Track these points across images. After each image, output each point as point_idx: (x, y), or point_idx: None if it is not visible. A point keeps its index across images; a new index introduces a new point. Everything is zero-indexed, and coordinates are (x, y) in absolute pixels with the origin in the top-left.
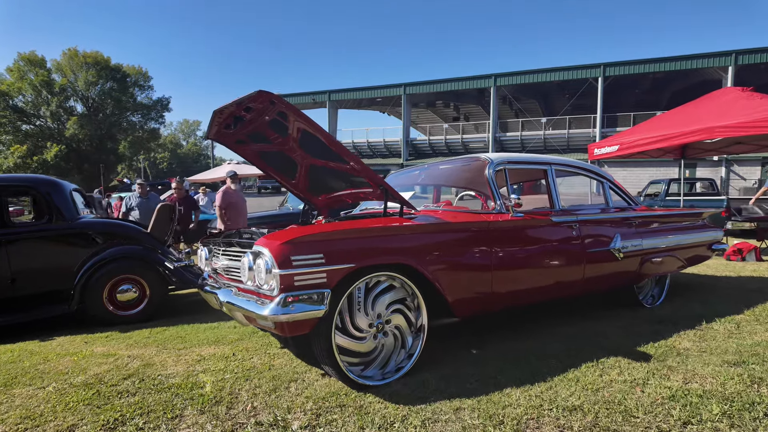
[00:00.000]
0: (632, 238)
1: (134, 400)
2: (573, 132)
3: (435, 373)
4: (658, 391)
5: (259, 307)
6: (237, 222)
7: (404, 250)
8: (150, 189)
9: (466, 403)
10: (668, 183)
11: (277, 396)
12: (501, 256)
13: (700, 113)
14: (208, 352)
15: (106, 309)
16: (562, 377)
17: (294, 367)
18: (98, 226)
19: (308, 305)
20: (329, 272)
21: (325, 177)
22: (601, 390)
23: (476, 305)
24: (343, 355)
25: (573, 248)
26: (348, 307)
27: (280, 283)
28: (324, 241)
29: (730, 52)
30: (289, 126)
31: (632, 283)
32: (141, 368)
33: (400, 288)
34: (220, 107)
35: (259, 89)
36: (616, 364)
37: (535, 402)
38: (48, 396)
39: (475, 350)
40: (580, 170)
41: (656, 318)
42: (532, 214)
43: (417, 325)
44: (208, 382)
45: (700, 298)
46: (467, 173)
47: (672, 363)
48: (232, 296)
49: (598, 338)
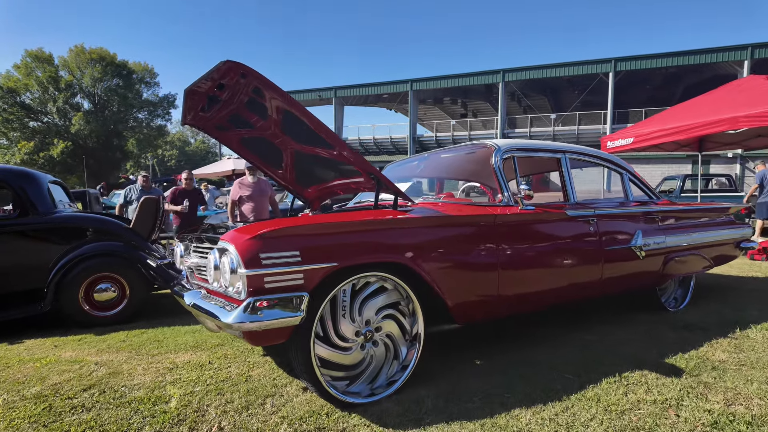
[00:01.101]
0: (655, 234)
1: (87, 417)
2: (583, 128)
3: (432, 389)
4: (697, 415)
5: (224, 312)
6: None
7: (397, 246)
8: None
9: (467, 428)
10: (683, 179)
11: (249, 414)
12: (509, 254)
13: (722, 102)
14: (182, 359)
15: (82, 309)
16: (580, 396)
17: (273, 379)
18: (75, 220)
19: (282, 311)
20: (307, 272)
21: (312, 166)
22: (627, 413)
23: (480, 310)
24: (324, 368)
25: (590, 246)
26: (331, 312)
27: (248, 285)
28: (300, 235)
29: (746, 46)
30: (267, 105)
31: (655, 284)
32: (105, 377)
33: (393, 290)
34: (191, 86)
35: (227, 59)
36: (642, 379)
37: (550, 428)
38: None
39: (479, 361)
40: (596, 159)
41: (682, 324)
42: (545, 208)
43: (412, 333)
44: (175, 396)
45: (728, 302)
46: (471, 162)
47: (707, 379)
48: (199, 299)
49: (619, 347)
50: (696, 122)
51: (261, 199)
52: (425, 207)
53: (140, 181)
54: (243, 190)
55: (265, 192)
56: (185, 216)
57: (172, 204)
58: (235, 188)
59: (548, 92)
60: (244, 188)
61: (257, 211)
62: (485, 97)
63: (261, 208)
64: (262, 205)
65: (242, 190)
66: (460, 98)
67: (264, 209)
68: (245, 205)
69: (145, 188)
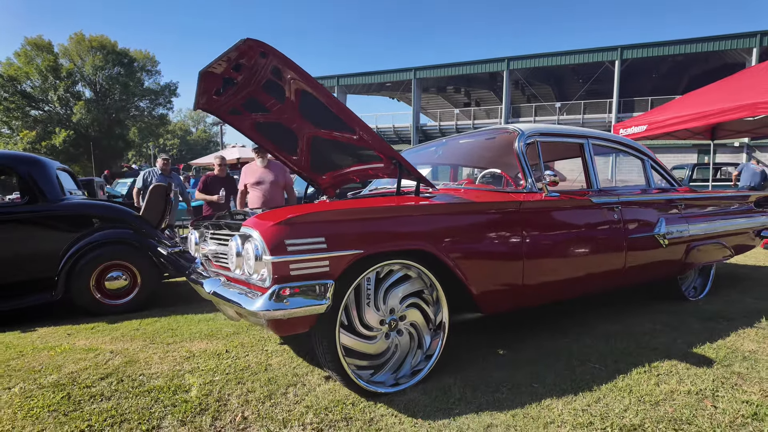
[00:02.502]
0: (678, 222)
1: (107, 405)
2: (588, 117)
3: (459, 379)
4: (735, 406)
5: (248, 300)
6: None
7: (422, 234)
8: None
9: (499, 419)
10: (692, 168)
11: (272, 404)
12: (534, 241)
13: (740, 89)
14: (198, 348)
15: (94, 298)
16: (611, 386)
17: (294, 368)
18: (85, 207)
19: (307, 299)
20: (332, 259)
21: (329, 151)
22: (661, 404)
23: (506, 299)
24: (349, 357)
25: (614, 233)
26: (355, 301)
27: (273, 273)
28: (326, 222)
29: (755, 33)
30: (286, 88)
31: (677, 273)
32: (122, 366)
33: (417, 279)
34: (206, 67)
35: (247, 37)
36: (673, 369)
37: (584, 419)
38: (11, 399)
39: (504, 351)
40: (619, 145)
41: (705, 313)
42: (570, 194)
43: (436, 321)
44: (195, 385)
45: (748, 291)
46: (493, 148)
47: (740, 369)
48: (219, 287)
49: (645, 337)
50: (713, 109)
51: (272, 186)
52: (448, 193)
53: (160, 164)
54: (249, 177)
55: (277, 178)
56: (219, 206)
57: (204, 193)
58: (242, 176)
59: (553, 81)
60: (251, 175)
61: (268, 200)
62: (489, 86)
63: (272, 196)
64: (273, 194)
65: (248, 176)
66: (464, 87)
67: (275, 198)
68: (254, 193)
69: (165, 172)
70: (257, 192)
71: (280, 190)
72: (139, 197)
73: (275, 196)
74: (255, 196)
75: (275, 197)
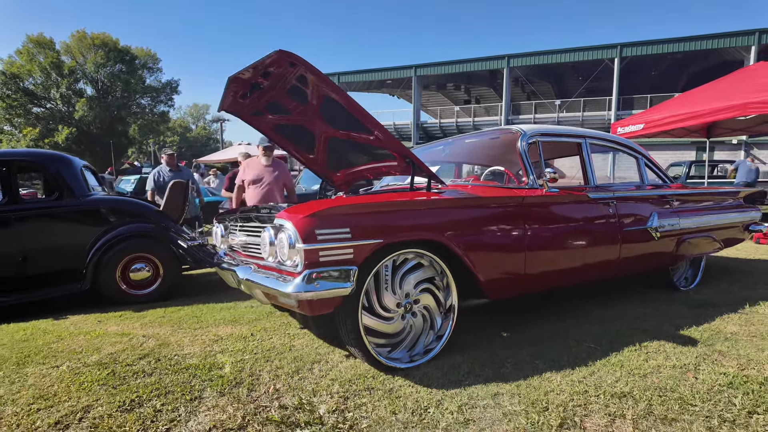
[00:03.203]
0: (669, 216)
1: (151, 380)
2: (587, 114)
3: (467, 357)
4: (713, 377)
5: (281, 284)
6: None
7: (434, 226)
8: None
9: (504, 388)
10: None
11: (300, 378)
12: (536, 233)
13: (732, 89)
14: (225, 332)
15: (120, 288)
16: (604, 362)
17: (315, 348)
18: (109, 203)
19: (334, 282)
20: (356, 248)
21: (345, 150)
22: (649, 376)
23: (510, 286)
24: (369, 336)
25: (610, 227)
26: (375, 285)
27: (305, 259)
28: (351, 214)
29: (753, 31)
30: (309, 93)
31: (669, 264)
32: (156, 348)
33: (429, 266)
34: (236, 73)
35: (279, 49)
36: (661, 348)
37: (579, 388)
38: (62, 375)
39: (507, 333)
40: (615, 144)
41: (694, 301)
42: (568, 190)
43: (446, 305)
44: (227, 363)
45: (737, 281)
46: (496, 147)
47: (721, 348)
48: (251, 273)
49: (636, 321)
50: (706, 108)
51: (271, 184)
52: (456, 189)
53: (165, 160)
54: (248, 174)
55: (278, 177)
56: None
57: (231, 191)
58: (241, 172)
59: (552, 78)
60: (250, 171)
61: (265, 198)
62: (489, 83)
63: (270, 195)
64: (272, 192)
65: (247, 173)
66: (464, 84)
67: (273, 197)
68: (251, 191)
69: (172, 167)
70: (255, 189)
71: (279, 190)
72: (154, 196)
73: (273, 194)
74: (252, 194)
75: (273, 196)
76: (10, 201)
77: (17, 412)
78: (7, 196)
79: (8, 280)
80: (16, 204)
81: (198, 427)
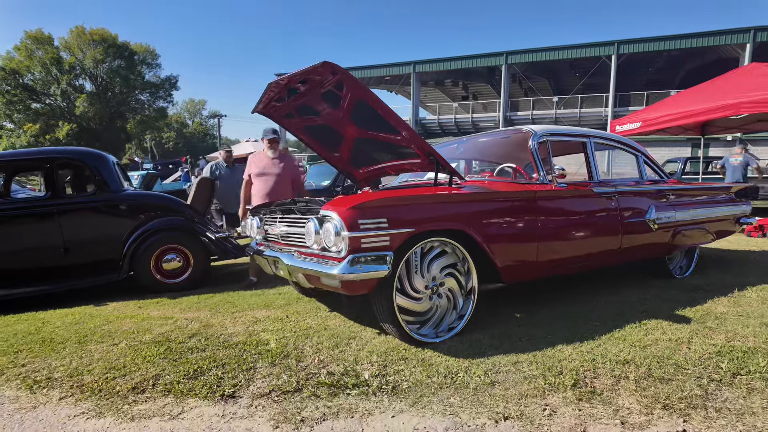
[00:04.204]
0: (666, 210)
1: (206, 354)
2: (585, 111)
3: (486, 334)
4: (704, 348)
5: (326, 267)
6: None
7: (458, 216)
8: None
9: (523, 358)
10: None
11: (340, 351)
12: (546, 224)
13: (725, 89)
14: (262, 315)
15: (154, 277)
16: (609, 336)
17: (348, 327)
18: (142, 197)
19: (373, 265)
20: (392, 236)
21: (370, 149)
22: (648, 347)
23: (523, 271)
24: (402, 314)
25: (612, 218)
26: (406, 270)
27: (349, 245)
28: (388, 206)
29: (749, 29)
30: (342, 98)
31: (665, 254)
32: (202, 329)
33: (452, 253)
34: (277, 79)
35: (324, 60)
36: (658, 325)
37: (588, 357)
38: (123, 351)
39: (521, 314)
40: (616, 143)
41: (689, 287)
42: (575, 185)
43: (467, 288)
44: (272, 340)
45: (729, 270)
46: (509, 146)
47: (712, 325)
48: (294, 259)
49: (636, 304)
50: (700, 108)
51: (278, 179)
52: (475, 184)
53: (223, 156)
54: (253, 168)
55: (284, 171)
56: None
57: None
58: (248, 166)
59: (550, 75)
60: (254, 165)
61: (270, 193)
62: (487, 80)
63: (275, 189)
64: (278, 187)
65: (252, 167)
66: (462, 80)
67: (280, 191)
68: (257, 185)
69: (228, 163)
70: (260, 184)
71: (286, 184)
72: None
73: (280, 189)
74: (258, 188)
75: (279, 191)
76: (53, 196)
77: (96, 380)
78: (50, 191)
79: (53, 270)
80: (59, 199)
81: (258, 390)
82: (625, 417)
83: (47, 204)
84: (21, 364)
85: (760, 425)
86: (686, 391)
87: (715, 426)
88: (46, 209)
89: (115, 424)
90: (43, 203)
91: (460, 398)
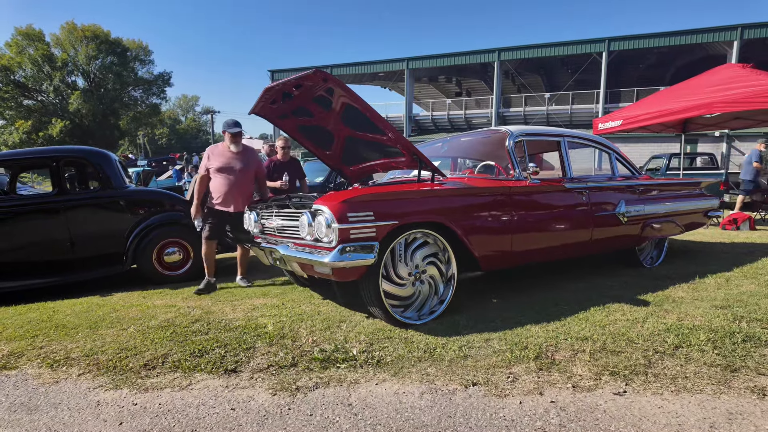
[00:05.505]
0: (635, 204)
1: (209, 337)
2: (576, 107)
3: (464, 316)
4: (655, 326)
5: (318, 256)
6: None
7: (439, 210)
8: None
9: (494, 336)
10: (669, 158)
11: (331, 332)
12: (520, 217)
13: (700, 89)
14: (259, 303)
15: (156, 269)
16: (574, 317)
17: (339, 312)
18: (143, 194)
19: (361, 254)
20: (378, 227)
21: (359, 148)
22: (607, 326)
23: (499, 260)
24: (387, 299)
25: (583, 212)
26: (391, 258)
27: (339, 236)
28: (374, 201)
29: (736, 27)
30: (333, 101)
31: (634, 245)
32: (204, 315)
33: (433, 244)
34: (271, 84)
35: (316, 69)
36: (620, 308)
37: (552, 334)
38: (132, 335)
39: (497, 299)
40: (589, 142)
41: (655, 275)
42: (548, 182)
43: (447, 275)
44: (269, 323)
45: (695, 260)
46: (488, 145)
47: (668, 307)
48: (289, 250)
49: (604, 290)
50: (677, 107)
51: (241, 173)
52: (455, 180)
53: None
54: (213, 162)
55: (248, 166)
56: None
57: (268, 179)
58: (205, 159)
59: (542, 71)
60: (215, 159)
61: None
62: (480, 76)
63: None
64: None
65: (212, 161)
66: (456, 77)
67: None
68: (218, 180)
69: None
70: (222, 179)
71: (249, 178)
72: None
73: (243, 184)
74: (220, 184)
75: (243, 186)
76: (60, 192)
77: (110, 359)
78: (57, 187)
79: (60, 263)
80: (65, 195)
81: (258, 365)
82: (576, 382)
83: (54, 200)
84: (39, 347)
85: (690, 386)
86: (632, 360)
87: (651, 387)
88: (53, 205)
89: (130, 394)
90: (51, 200)
91: (436, 369)
